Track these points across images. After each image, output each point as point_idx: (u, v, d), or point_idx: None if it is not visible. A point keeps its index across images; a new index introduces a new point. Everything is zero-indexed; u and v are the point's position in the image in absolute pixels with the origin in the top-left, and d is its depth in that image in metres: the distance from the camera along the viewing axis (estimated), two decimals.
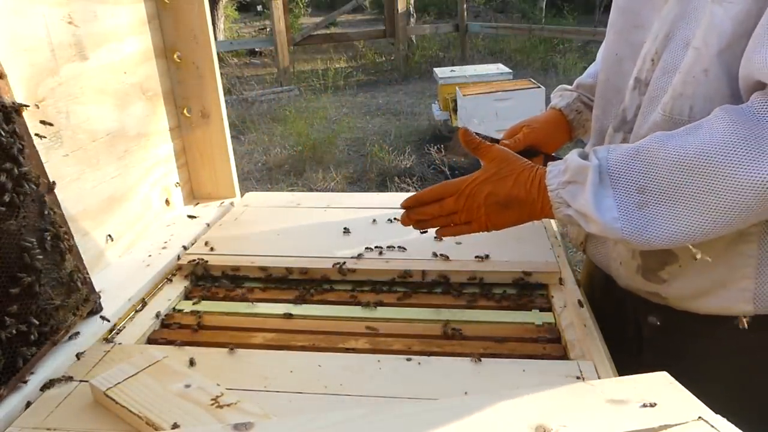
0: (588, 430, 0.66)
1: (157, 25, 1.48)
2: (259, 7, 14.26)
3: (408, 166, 5.33)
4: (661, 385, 0.74)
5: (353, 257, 1.26)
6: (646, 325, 1.06)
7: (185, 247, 1.35)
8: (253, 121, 6.79)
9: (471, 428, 0.67)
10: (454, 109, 5.41)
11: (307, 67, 9.76)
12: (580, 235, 1.14)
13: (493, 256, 1.23)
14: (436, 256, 1.25)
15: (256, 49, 10.84)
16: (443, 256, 1.25)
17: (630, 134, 0.97)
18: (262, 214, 1.56)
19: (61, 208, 1.03)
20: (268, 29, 11.82)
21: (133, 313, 1.12)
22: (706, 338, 0.97)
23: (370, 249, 1.30)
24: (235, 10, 13.73)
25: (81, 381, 0.89)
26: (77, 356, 0.96)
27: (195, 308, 1.14)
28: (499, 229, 0.98)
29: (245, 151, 5.92)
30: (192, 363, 0.93)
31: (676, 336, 1.01)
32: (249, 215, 1.55)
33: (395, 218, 1.46)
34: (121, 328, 1.06)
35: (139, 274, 1.22)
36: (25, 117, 0.98)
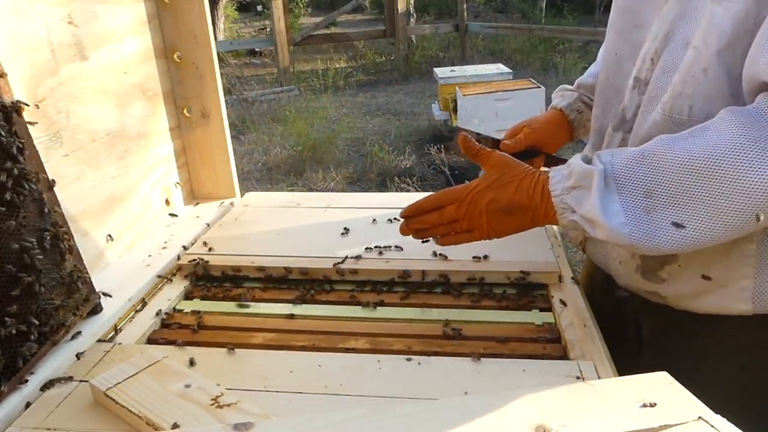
0: (588, 430, 0.66)
1: (157, 25, 1.48)
2: (259, 7, 14.26)
3: (408, 166, 5.33)
4: (661, 385, 0.74)
5: (353, 257, 1.26)
6: (646, 325, 1.06)
7: (185, 247, 1.35)
8: (253, 121, 6.79)
9: (471, 428, 0.67)
10: (454, 109, 5.41)
11: (307, 67, 9.76)
12: (579, 235, 1.14)
13: (493, 256, 1.23)
14: (436, 256, 1.25)
15: (256, 49, 10.85)
16: (443, 256, 1.25)
17: (629, 133, 0.97)
18: (262, 214, 1.56)
19: (61, 207, 1.03)
20: (268, 29, 11.82)
21: (133, 313, 1.12)
22: (706, 338, 0.97)
23: (370, 249, 1.30)
24: (235, 10, 13.73)
25: (81, 381, 0.89)
26: (77, 356, 0.96)
27: (195, 308, 1.14)
28: (501, 236, 0.96)
29: (245, 151, 5.92)
30: (192, 363, 0.93)
31: (676, 336, 1.01)
32: (249, 215, 1.55)
33: (395, 218, 1.46)
34: (121, 328, 1.07)
35: (139, 274, 1.22)
36: (25, 116, 0.98)
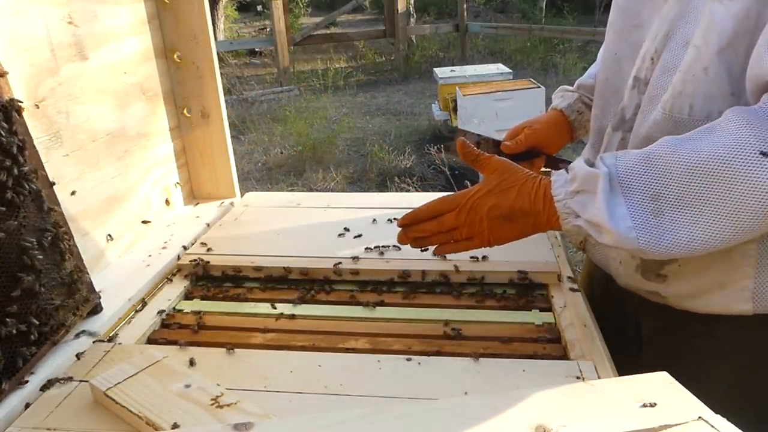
0: (588, 430, 0.66)
1: (157, 25, 1.48)
2: (259, 7, 14.26)
3: (408, 166, 5.32)
4: (661, 385, 0.74)
5: (353, 257, 1.26)
6: (646, 325, 1.06)
7: (185, 247, 1.35)
8: (253, 121, 6.79)
9: (471, 428, 0.67)
10: (454, 109, 5.41)
11: (307, 67, 9.76)
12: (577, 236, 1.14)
13: (493, 257, 1.23)
14: (435, 256, 1.25)
15: (256, 49, 10.85)
16: (442, 256, 1.24)
17: (629, 133, 0.97)
18: (262, 214, 1.56)
19: (61, 207, 1.03)
20: (268, 29, 11.82)
21: (133, 313, 1.12)
22: (706, 338, 0.96)
23: (369, 249, 1.30)
24: (235, 10, 13.73)
25: (81, 381, 0.89)
26: (77, 356, 0.96)
27: (195, 308, 1.14)
28: (502, 243, 0.94)
29: (245, 151, 5.92)
30: (192, 363, 0.93)
31: (676, 336, 1.01)
32: (249, 215, 1.55)
33: (395, 218, 1.46)
34: (121, 328, 1.06)
35: (139, 274, 1.22)
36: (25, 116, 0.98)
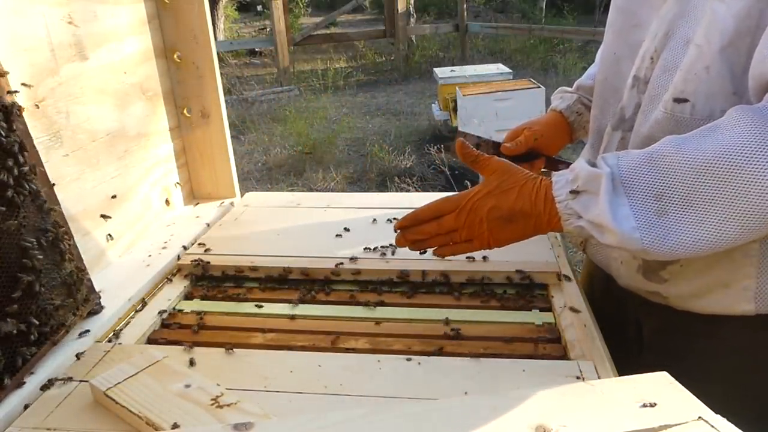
0: (588, 430, 0.66)
1: (157, 25, 1.48)
2: (259, 7, 14.27)
3: (408, 166, 5.33)
4: (661, 385, 0.74)
5: (353, 257, 1.26)
6: (647, 326, 1.06)
7: (185, 247, 1.35)
8: (253, 121, 6.79)
9: (471, 428, 0.67)
10: (454, 109, 5.41)
11: (307, 67, 9.76)
12: (579, 237, 1.14)
13: (493, 257, 1.23)
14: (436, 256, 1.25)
15: (256, 49, 10.85)
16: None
17: (629, 132, 0.97)
18: (262, 214, 1.56)
19: (61, 207, 1.03)
20: (268, 29, 11.82)
21: (133, 313, 1.12)
22: (707, 338, 0.96)
23: (369, 249, 1.30)
24: (235, 10, 13.73)
25: (81, 381, 0.89)
26: (77, 356, 0.96)
27: (195, 308, 1.14)
28: (502, 245, 0.93)
29: (245, 151, 5.92)
30: (192, 363, 0.93)
31: (677, 336, 1.01)
32: (249, 215, 1.55)
33: (395, 218, 1.46)
34: (121, 328, 1.06)
35: (139, 274, 1.22)
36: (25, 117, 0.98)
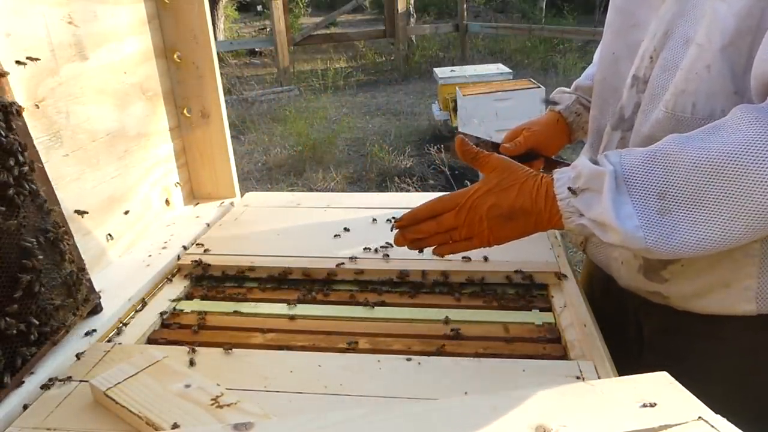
0: (588, 430, 0.66)
1: (157, 25, 1.48)
2: (259, 7, 14.26)
3: (408, 166, 5.33)
4: (661, 385, 0.74)
5: (353, 257, 1.26)
6: (647, 326, 1.06)
7: (185, 247, 1.35)
8: (253, 121, 6.78)
9: (471, 428, 0.67)
10: (454, 109, 5.41)
11: (307, 67, 9.76)
12: (580, 236, 1.14)
13: (493, 257, 1.23)
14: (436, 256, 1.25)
15: (256, 49, 10.84)
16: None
17: (628, 132, 0.96)
18: (262, 214, 1.56)
19: (61, 207, 1.03)
20: (268, 29, 11.82)
21: (133, 313, 1.12)
22: (708, 339, 0.96)
23: (369, 249, 1.30)
24: (235, 10, 13.74)
25: (81, 381, 0.89)
26: (77, 356, 0.96)
27: (195, 308, 1.14)
28: (502, 242, 0.93)
29: (245, 151, 5.92)
30: (192, 363, 0.93)
31: (678, 337, 1.00)
32: (249, 215, 1.55)
33: (394, 218, 1.45)
34: (121, 328, 1.06)
35: (139, 274, 1.22)
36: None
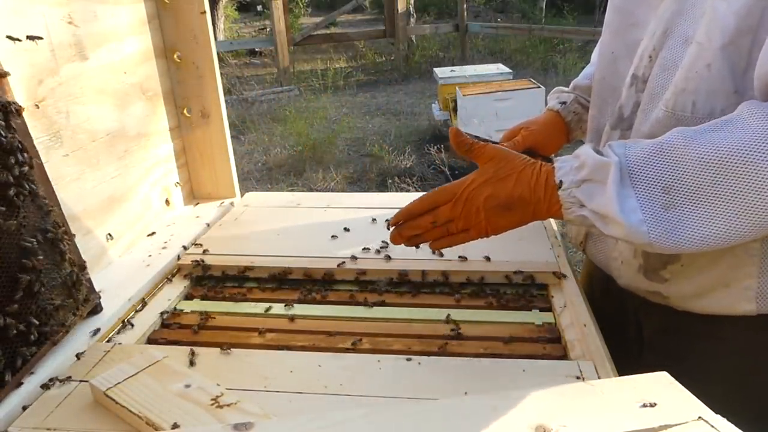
0: (588, 430, 0.66)
1: (157, 25, 1.48)
2: (259, 7, 14.27)
3: (408, 166, 5.33)
4: (661, 385, 0.74)
5: (353, 257, 1.26)
6: (647, 326, 1.06)
7: (185, 247, 1.35)
8: (253, 121, 6.78)
9: (471, 428, 0.67)
10: (454, 109, 5.41)
11: (307, 67, 9.76)
12: (579, 235, 1.14)
13: (493, 257, 1.23)
14: (434, 253, 1.25)
15: (256, 49, 10.85)
16: (440, 253, 1.24)
17: (628, 131, 0.96)
18: (262, 214, 1.56)
19: (61, 207, 1.03)
20: (268, 29, 11.82)
21: (133, 313, 1.12)
22: (708, 339, 0.96)
23: (369, 249, 1.30)
24: (235, 10, 13.73)
25: (81, 381, 0.89)
26: (77, 356, 0.96)
27: (195, 308, 1.14)
28: (500, 233, 0.92)
29: (245, 151, 5.92)
30: (192, 363, 0.93)
31: (678, 337, 1.00)
32: (249, 215, 1.55)
33: None
34: (121, 329, 1.06)
35: (139, 274, 1.22)
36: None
